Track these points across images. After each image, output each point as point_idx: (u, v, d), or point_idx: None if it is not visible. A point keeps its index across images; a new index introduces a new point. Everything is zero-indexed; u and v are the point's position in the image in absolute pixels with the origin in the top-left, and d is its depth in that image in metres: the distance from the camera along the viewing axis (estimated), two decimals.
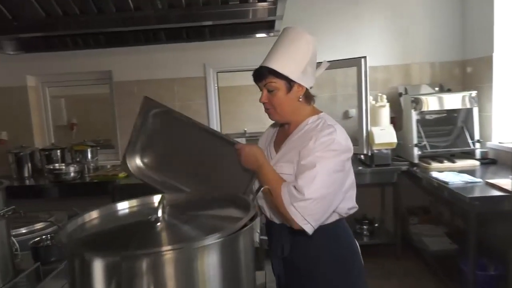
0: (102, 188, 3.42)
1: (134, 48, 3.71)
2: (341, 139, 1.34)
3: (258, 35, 3.47)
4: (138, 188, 3.37)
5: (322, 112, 1.49)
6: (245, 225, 0.88)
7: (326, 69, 1.53)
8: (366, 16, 3.75)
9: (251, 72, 1.42)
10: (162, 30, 3.31)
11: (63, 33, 3.09)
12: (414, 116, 3.26)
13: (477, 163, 3.14)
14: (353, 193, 1.45)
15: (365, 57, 3.22)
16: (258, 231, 1.87)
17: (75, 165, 3.55)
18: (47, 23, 2.60)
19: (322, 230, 1.35)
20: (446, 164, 3.13)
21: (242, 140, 4.58)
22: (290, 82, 1.36)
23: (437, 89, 3.54)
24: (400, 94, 3.60)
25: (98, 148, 3.92)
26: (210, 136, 1.43)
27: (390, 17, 3.73)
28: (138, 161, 1.45)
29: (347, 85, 3.74)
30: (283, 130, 1.53)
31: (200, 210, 1.01)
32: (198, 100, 3.90)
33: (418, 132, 3.26)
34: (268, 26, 3.23)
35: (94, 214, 0.93)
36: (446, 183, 2.60)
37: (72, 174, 3.48)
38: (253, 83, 1.44)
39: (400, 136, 3.37)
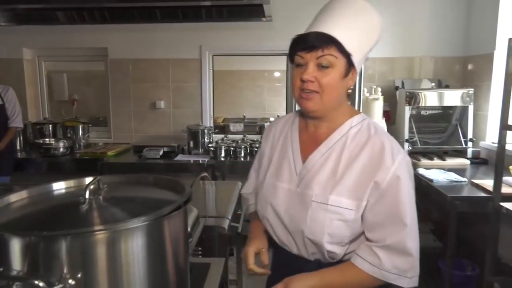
0: (91, 165, 3.43)
1: (130, 26, 3.67)
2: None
3: (255, 20, 3.42)
4: (126, 166, 3.44)
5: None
6: (177, 208, 0.86)
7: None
8: None
9: (252, 58, 1.08)
10: (157, 8, 3.27)
11: (57, 5, 3.06)
12: (408, 111, 3.20)
13: (468, 162, 3.09)
14: None
15: None
16: (229, 217, 1.84)
17: (64, 141, 3.56)
18: None
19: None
20: (436, 161, 3.08)
21: (241, 126, 4.50)
22: (350, 64, 1.01)
23: (433, 84, 3.47)
24: (397, 88, 3.53)
25: (90, 125, 3.92)
26: None
27: (394, 11, 3.61)
28: None
29: None
30: (309, 132, 1.12)
31: (135, 192, 1.00)
32: (192, 83, 3.86)
33: (410, 127, 3.21)
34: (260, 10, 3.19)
35: (24, 194, 0.91)
36: (431, 180, 2.56)
37: (61, 150, 3.49)
38: (254, 68, 1.10)
39: (392, 131, 3.31)
